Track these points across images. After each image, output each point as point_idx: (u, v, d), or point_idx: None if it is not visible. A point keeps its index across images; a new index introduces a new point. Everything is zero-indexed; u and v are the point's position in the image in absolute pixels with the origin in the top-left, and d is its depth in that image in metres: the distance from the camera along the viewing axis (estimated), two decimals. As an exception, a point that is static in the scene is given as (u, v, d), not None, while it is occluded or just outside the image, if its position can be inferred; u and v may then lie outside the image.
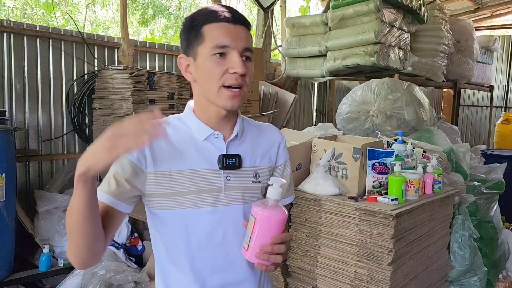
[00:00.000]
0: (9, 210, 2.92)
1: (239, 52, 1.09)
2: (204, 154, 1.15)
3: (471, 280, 2.88)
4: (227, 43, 1.07)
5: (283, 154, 1.30)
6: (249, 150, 1.21)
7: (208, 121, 1.16)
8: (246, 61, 1.11)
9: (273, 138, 1.28)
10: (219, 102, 1.11)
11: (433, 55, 5.19)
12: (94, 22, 11.12)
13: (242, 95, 1.12)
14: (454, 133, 4.44)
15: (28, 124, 3.64)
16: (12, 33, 3.51)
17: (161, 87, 3.76)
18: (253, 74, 1.16)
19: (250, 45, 1.13)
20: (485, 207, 3.38)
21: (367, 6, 4.02)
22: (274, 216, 1.03)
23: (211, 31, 1.09)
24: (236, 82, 1.09)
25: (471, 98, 8.98)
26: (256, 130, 1.27)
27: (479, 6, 7.69)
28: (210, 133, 1.16)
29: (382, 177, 2.37)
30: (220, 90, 1.10)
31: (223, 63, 1.08)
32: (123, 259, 3.23)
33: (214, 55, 1.08)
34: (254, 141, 1.24)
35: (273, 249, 1.03)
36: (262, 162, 1.23)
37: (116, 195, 1.10)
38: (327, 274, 2.40)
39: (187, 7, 11.67)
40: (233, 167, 1.15)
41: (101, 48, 4.13)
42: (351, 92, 3.95)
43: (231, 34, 1.08)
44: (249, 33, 1.14)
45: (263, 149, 1.25)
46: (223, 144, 1.16)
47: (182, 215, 1.13)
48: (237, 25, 1.10)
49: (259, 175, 1.21)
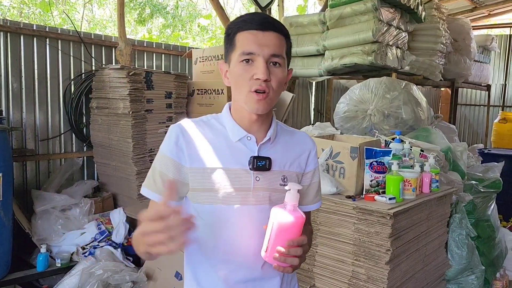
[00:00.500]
0: (6, 210, 2.91)
1: (265, 58, 1.13)
2: (236, 154, 1.20)
3: (469, 279, 2.89)
4: (252, 50, 1.13)
5: (313, 162, 1.32)
6: (280, 154, 1.25)
7: (242, 123, 1.22)
8: (274, 66, 1.15)
9: (304, 145, 1.31)
10: (247, 106, 1.17)
11: (430, 54, 5.19)
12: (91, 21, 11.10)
13: (267, 100, 1.15)
14: (452, 132, 4.45)
15: (25, 124, 3.63)
16: (8, 32, 3.50)
17: (159, 87, 3.75)
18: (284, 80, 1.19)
19: (280, 51, 1.16)
20: (483, 205, 3.39)
21: (365, 5, 4.02)
22: (291, 220, 1.06)
23: (241, 38, 1.15)
24: (261, 88, 1.13)
25: (468, 97, 8.99)
26: (289, 136, 1.31)
27: (476, 5, 7.70)
28: (244, 135, 1.21)
29: (379, 176, 2.37)
30: (248, 95, 1.15)
31: (250, 69, 1.14)
32: (120, 259, 3.23)
33: (242, 61, 1.14)
34: (286, 146, 1.27)
35: (289, 251, 1.06)
36: (291, 167, 1.26)
37: None
38: (325, 273, 2.40)
39: (185, 6, 11.66)
40: (262, 169, 1.20)
41: (98, 47, 4.13)
42: (349, 91, 3.95)
43: (259, 41, 1.13)
44: (281, 39, 1.17)
45: (293, 154, 1.28)
46: (255, 146, 1.21)
47: (213, 210, 1.19)
48: (266, 32, 1.14)
49: (287, 179, 1.24)
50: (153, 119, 3.70)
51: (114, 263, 3.03)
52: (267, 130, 1.24)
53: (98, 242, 3.32)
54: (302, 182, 1.30)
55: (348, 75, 5.11)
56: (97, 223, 3.44)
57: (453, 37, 5.77)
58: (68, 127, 3.90)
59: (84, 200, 3.53)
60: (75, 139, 3.98)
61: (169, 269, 2.90)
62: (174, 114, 3.91)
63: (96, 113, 3.85)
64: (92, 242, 3.32)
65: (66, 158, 3.90)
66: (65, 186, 3.64)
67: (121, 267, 3.03)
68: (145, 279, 2.98)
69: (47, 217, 3.30)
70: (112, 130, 3.70)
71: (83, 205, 3.48)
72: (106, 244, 3.32)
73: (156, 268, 3.00)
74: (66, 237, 3.31)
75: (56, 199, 3.38)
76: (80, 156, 4.00)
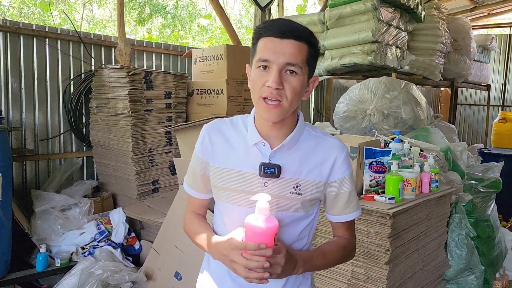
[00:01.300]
0: (5, 210, 2.91)
1: (279, 66, 1.12)
2: (250, 158, 1.22)
3: (468, 279, 2.89)
4: (268, 57, 1.12)
5: (340, 170, 1.25)
6: (297, 161, 1.22)
7: (261, 128, 1.23)
8: (289, 75, 1.13)
9: (329, 153, 1.24)
10: (258, 112, 1.19)
11: (430, 54, 5.19)
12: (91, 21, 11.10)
13: (279, 109, 1.14)
14: (451, 132, 4.44)
15: (24, 124, 3.63)
16: (8, 32, 3.49)
17: (158, 86, 3.75)
18: (301, 89, 1.16)
19: (297, 60, 1.12)
20: (482, 205, 3.39)
21: (364, 4, 4.02)
22: (256, 229, 1.08)
23: (261, 44, 1.16)
24: (271, 95, 1.12)
25: (468, 96, 8.99)
26: (313, 142, 1.25)
27: (476, 5, 7.70)
28: (259, 140, 1.22)
29: (379, 176, 2.37)
30: (259, 101, 1.15)
31: (264, 76, 1.14)
32: (120, 259, 3.23)
33: (258, 67, 1.15)
34: (306, 153, 1.24)
35: (252, 259, 1.07)
36: (308, 175, 1.22)
37: (200, 189, 1.35)
38: (324, 273, 2.40)
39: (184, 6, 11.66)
40: (271, 176, 1.19)
41: (98, 47, 4.12)
42: (349, 91, 3.95)
43: (275, 48, 1.12)
44: (301, 47, 1.14)
45: (314, 162, 1.23)
46: (269, 152, 1.21)
47: (225, 207, 1.27)
48: (285, 40, 1.12)
49: (300, 187, 1.21)
50: (152, 119, 3.70)
51: (113, 263, 3.03)
52: (287, 135, 1.22)
53: (97, 242, 3.32)
54: (327, 191, 1.27)
55: (348, 75, 5.11)
56: (96, 223, 3.44)
57: (453, 37, 5.77)
58: (67, 127, 3.90)
59: (83, 200, 3.53)
60: (74, 139, 3.98)
61: (168, 269, 2.90)
62: (173, 114, 3.91)
63: (95, 113, 3.85)
64: (92, 242, 3.32)
65: (66, 158, 3.91)
66: (64, 186, 3.65)
67: (120, 267, 3.03)
68: (144, 279, 2.98)
69: (47, 217, 3.30)
70: (112, 130, 3.70)
71: (82, 205, 3.48)
72: (106, 244, 3.32)
73: (156, 268, 3.00)
74: (66, 237, 3.31)
75: (56, 199, 3.38)
76: (79, 156, 4.00)
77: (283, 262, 1.10)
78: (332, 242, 1.31)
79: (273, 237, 1.08)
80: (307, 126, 1.28)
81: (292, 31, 1.13)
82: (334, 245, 1.30)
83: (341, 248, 1.30)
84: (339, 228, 1.34)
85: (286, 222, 1.23)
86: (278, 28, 1.13)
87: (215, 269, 1.31)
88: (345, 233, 1.34)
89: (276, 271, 1.09)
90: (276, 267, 1.09)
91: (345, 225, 1.33)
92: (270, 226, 1.08)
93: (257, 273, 1.07)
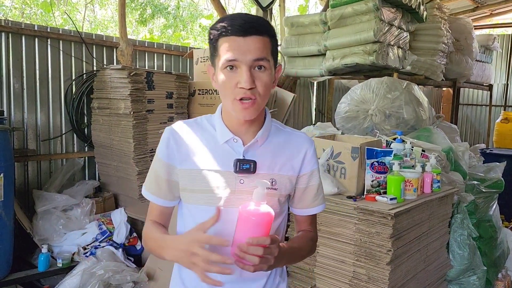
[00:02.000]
0: (7, 210, 2.92)
1: (248, 65, 1.11)
2: (222, 157, 1.20)
3: (470, 279, 2.88)
4: (234, 57, 1.10)
5: (310, 164, 1.27)
6: (270, 156, 1.22)
7: (231, 125, 1.21)
8: (259, 71, 1.13)
9: (299, 147, 1.27)
10: (234, 113, 1.16)
11: (432, 54, 5.18)
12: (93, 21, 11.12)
13: (255, 106, 1.14)
14: (453, 132, 4.43)
15: (26, 124, 3.63)
16: (10, 33, 3.50)
17: (160, 87, 3.75)
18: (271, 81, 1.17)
19: (264, 54, 1.12)
20: (484, 206, 3.38)
21: (366, 5, 4.01)
22: (253, 217, 1.05)
23: (222, 45, 1.13)
24: (245, 96, 1.11)
25: (470, 97, 8.97)
26: (283, 137, 1.27)
27: (478, 5, 7.67)
28: (230, 137, 1.20)
29: (380, 176, 2.37)
30: (234, 102, 1.14)
31: (234, 77, 1.12)
32: (121, 259, 3.23)
33: (225, 68, 1.12)
34: (278, 148, 1.24)
35: (248, 249, 1.03)
36: (282, 170, 1.23)
37: (165, 195, 1.25)
38: (325, 274, 2.39)
39: (186, 6, 11.66)
40: (247, 172, 1.18)
41: (99, 47, 4.13)
42: (350, 91, 3.95)
43: (240, 47, 1.10)
44: (265, 41, 1.13)
45: (285, 157, 1.24)
46: (242, 149, 1.20)
47: (197, 210, 1.21)
48: (248, 37, 1.11)
49: (276, 182, 1.21)
50: (154, 119, 3.70)
51: (115, 263, 3.03)
52: (257, 131, 1.22)
53: (99, 242, 3.32)
54: (297, 185, 1.27)
55: (350, 75, 5.11)
56: (98, 223, 3.44)
57: (455, 37, 5.76)
58: (69, 127, 3.91)
59: (85, 200, 3.53)
60: (76, 139, 3.99)
61: (170, 269, 2.89)
62: (175, 114, 3.91)
63: (97, 113, 3.85)
64: (93, 242, 3.32)
65: (68, 158, 3.91)
66: (66, 186, 3.65)
67: (122, 267, 3.03)
68: (146, 279, 2.98)
69: (49, 217, 3.30)
70: (113, 130, 3.70)
71: (84, 205, 3.49)
72: (107, 244, 3.32)
73: (157, 269, 3.00)
74: (67, 237, 3.31)
75: (58, 199, 3.38)
76: (81, 156, 4.00)
77: (276, 252, 1.07)
78: (302, 237, 1.32)
79: (270, 226, 1.06)
80: (274, 122, 1.29)
81: (253, 27, 1.12)
82: (305, 239, 1.30)
83: (310, 242, 1.32)
84: (305, 222, 1.35)
85: None
86: (239, 26, 1.11)
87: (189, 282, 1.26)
88: (310, 227, 1.35)
89: (269, 262, 1.06)
90: (270, 258, 1.06)
91: (310, 218, 1.35)
92: (270, 213, 1.06)
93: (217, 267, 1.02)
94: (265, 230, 1.06)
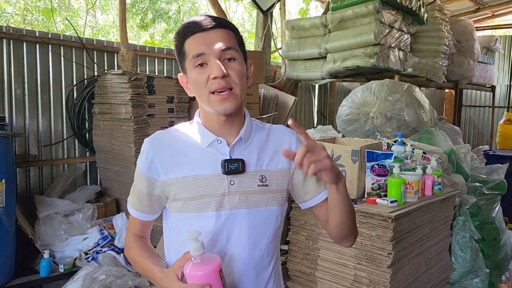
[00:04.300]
0: (9, 216, 2.92)
1: (217, 56, 1.10)
2: (208, 160, 1.17)
3: (473, 282, 2.87)
4: (201, 50, 1.10)
5: None
6: (256, 153, 1.20)
7: (212, 128, 1.19)
8: (229, 62, 1.12)
9: (282, 139, 1.25)
10: (213, 108, 1.14)
11: (433, 56, 5.18)
12: (94, 27, 11.17)
13: (233, 97, 1.12)
14: (456, 134, 4.42)
15: (28, 130, 3.64)
16: (11, 39, 3.52)
17: (160, 91, 3.76)
18: (244, 71, 1.16)
19: (231, 44, 1.13)
20: (487, 208, 3.36)
21: (366, 7, 4.02)
22: (196, 276, 1.02)
23: (188, 45, 1.13)
24: (220, 86, 1.10)
25: (473, 98, 8.94)
26: (265, 133, 1.26)
27: (479, 6, 7.66)
28: (213, 139, 1.18)
29: (381, 179, 2.36)
30: (209, 97, 1.12)
31: (205, 71, 1.11)
32: (123, 264, 3.22)
33: (196, 66, 1.12)
34: (262, 145, 1.23)
35: None
36: (270, 165, 1.21)
37: (146, 209, 1.25)
38: (326, 277, 2.39)
39: (187, 10, 11.70)
40: (236, 172, 1.16)
41: (100, 52, 4.14)
42: (351, 94, 3.95)
43: (205, 41, 1.11)
44: (229, 34, 1.14)
45: (271, 151, 1.23)
46: (227, 149, 1.17)
47: (188, 219, 1.18)
48: (211, 31, 1.12)
49: (266, 179, 1.19)
50: (155, 124, 3.70)
51: (116, 268, 3.03)
52: (239, 130, 1.20)
53: (101, 247, 3.32)
54: (294, 179, 1.24)
55: (351, 78, 5.11)
56: (100, 228, 3.44)
57: (456, 39, 5.76)
58: (71, 133, 3.91)
59: (87, 205, 3.53)
60: (78, 145, 3.99)
61: (171, 274, 2.89)
62: (176, 118, 3.91)
63: (98, 118, 3.86)
64: (95, 247, 3.32)
65: (69, 163, 3.91)
66: (68, 192, 3.65)
67: (123, 272, 3.03)
68: (147, 284, 2.97)
69: (50, 223, 3.30)
70: (115, 135, 3.70)
71: (86, 210, 3.49)
72: (109, 249, 3.32)
73: (159, 273, 2.99)
74: (69, 243, 3.31)
75: (59, 204, 3.38)
76: (83, 162, 4.00)
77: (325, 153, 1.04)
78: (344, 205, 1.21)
79: (217, 276, 1.02)
80: (254, 121, 1.28)
81: (216, 21, 1.14)
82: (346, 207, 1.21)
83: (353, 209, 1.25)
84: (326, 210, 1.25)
85: (260, 220, 1.19)
86: (200, 24, 1.13)
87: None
88: None
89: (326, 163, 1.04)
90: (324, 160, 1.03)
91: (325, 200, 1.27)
92: (211, 267, 1.01)
93: None
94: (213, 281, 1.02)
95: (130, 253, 1.27)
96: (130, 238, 1.29)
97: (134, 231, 1.29)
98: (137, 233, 1.29)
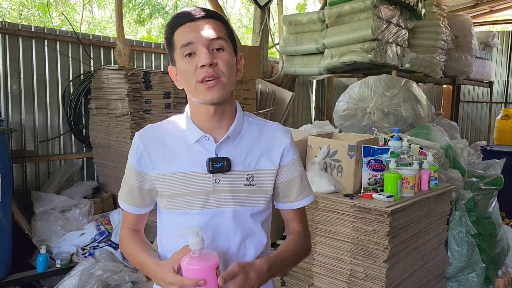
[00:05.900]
0: (5, 211, 2.92)
1: (205, 45, 1.10)
2: (195, 157, 1.16)
3: (469, 277, 2.87)
4: (190, 40, 1.10)
5: (289, 154, 1.23)
6: (244, 151, 1.18)
7: (201, 124, 1.17)
8: (218, 52, 1.11)
9: (274, 138, 1.22)
10: (200, 98, 1.12)
11: (431, 51, 5.17)
12: (91, 22, 11.13)
13: (220, 85, 1.10)
14: (453, 129, 4.42)
15: (24, 125, 3.63)
16: (7, 34, 3.50)
17: (157, 87, 3.75)
18: (233, 61, 1.15)
19: (220, 34, 1.12)
20: (484, 203, 3.36)
21: (364, 2, 4.01)
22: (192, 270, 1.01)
23: (177, 35, 1.13)
24: (207, 74, 1.08)
25: (471, 94, 8.95)
26: (257, 130, 1.23)
27: (477, 2, 7.65)
28: (201, 135, 1.16)
29: (377, 174, 2.36)
30: (197, 86, 1.11)
31: (193, 61, 1.10)
32: (120, 259, 3.22)
33: (185, 56, 1.11)
34: (252, 142, 1.20)
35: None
36: (259, 164, 1.19)
37: (137, 203, 1.24)
38: (323, 272, 2.39)
39: (184, 6, 11.65)
40: (221, 171, 1.14)
41: (96, 48, 4.12)
42: (348, 89, 3.94)
43: (194, 30, 1.10)
44: (219, 24, 1.14)
45: (261, 150, 1.20)
46: (214, 147, 1.16)
47: (175, 215, 1.18)
48: (199, 20, 1.11)
49: (253, 178, 1.17)
50: (151, 120, 3.69)
51: (113, 264, 3.03)
52: (229, 126, 1.17)
53: (97, 243, 3.32)
54: (278, 178, 1.23)
55: (348, 73, 5.11)
56: (96, 223, 3.44)
57: (454, 34, 5.75)
58: (67, 128, 3.91)
59: (83, 201, 3.53)
60: (74, 140, 3.99)
61: (168, 269, 2.89)
62: (172, 114, 3.85)
63: (95, 113, 3.85)
64: (92, 242, 3.32)
65: (66, 159, 3.91)
66: (64, 187, 3.65)
67: (120, 267, 3.03)
68: (144, 279, 2.98)
69: (47, 218, 3.30)
70: (111, 130, 3.70)
71: (82, 206, 3.49)
72: (106, 244, 3.32)
73: (156, 268, 2.99)
74: (66, 238, 3.31)
75: (56, 200, 3.38)
76: (79, 157, 4.00)
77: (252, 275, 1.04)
78: (291, 241, 1.26)
79: (213, 272, 1.02)
80: (246, 115, 1.25)
81: (204, 12, 1.14)
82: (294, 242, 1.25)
83: (302, 242, 1.27)
84: (294, 219, 1.29)
85: (246, 218, 1.18)
86: (189, 14, 1.13)
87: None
88: (299, 225, 1.29)
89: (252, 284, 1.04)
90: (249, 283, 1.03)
91: (299, 214, 1.29)
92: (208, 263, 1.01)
93: None
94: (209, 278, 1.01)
95: (124, 246, 1.26)
96: (124, 231, 1.28)
97: (128, 225, 1.29)
98: (131, 227, 1.28)
